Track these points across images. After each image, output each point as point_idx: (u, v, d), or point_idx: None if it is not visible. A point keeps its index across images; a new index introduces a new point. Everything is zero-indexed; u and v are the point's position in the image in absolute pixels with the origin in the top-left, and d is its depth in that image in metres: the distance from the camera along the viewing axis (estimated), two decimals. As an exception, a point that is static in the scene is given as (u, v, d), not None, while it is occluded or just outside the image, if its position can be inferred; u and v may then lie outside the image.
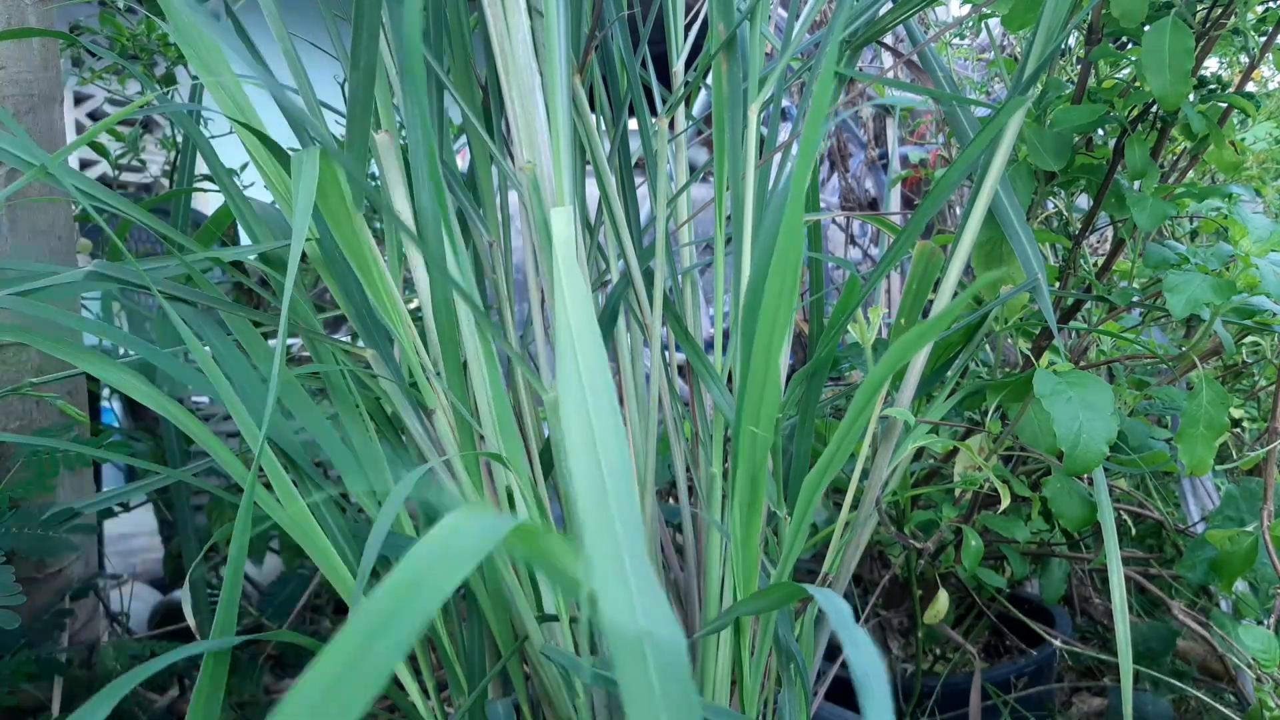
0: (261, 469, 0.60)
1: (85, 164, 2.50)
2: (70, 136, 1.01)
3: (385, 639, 0.22)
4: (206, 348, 0.62)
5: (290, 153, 0.58)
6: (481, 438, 0.63)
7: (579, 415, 0.35)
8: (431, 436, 0.65)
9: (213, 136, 0.88)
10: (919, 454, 0.92)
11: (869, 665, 0.37)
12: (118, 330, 0.65)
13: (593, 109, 0.68)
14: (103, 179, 2.52)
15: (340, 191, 0.58)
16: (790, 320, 0.43)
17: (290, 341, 1.12)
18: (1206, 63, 0.85)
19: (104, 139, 1.21)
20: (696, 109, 1.70)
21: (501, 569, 0.62)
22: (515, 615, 0.63)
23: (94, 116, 2.01)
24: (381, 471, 0.68)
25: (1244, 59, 0.88)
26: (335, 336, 0.87)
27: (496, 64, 0.57)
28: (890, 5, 0.77)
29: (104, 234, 1.21)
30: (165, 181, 1.36)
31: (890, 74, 1.41)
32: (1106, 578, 0.71)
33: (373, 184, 0.63)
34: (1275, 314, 0.82)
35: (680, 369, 0.82)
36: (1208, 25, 0.82)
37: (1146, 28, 0.76)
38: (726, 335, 0.69)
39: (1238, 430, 1.09)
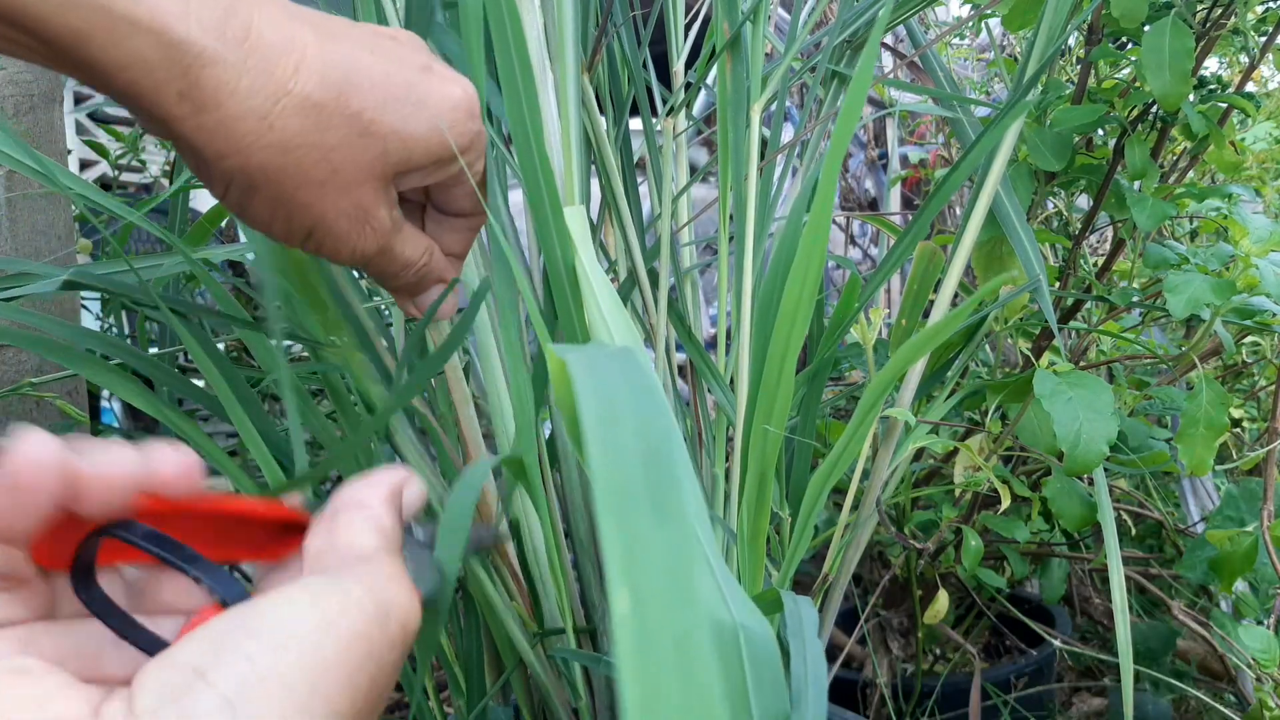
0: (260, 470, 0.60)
1: (85, 164, 2.50)
2: (70, 137, 1.01)
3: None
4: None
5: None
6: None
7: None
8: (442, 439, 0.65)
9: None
10: (919, 454, 0.92)
11: (813, 673, 0.39)
12: (96, 334, 0.65)
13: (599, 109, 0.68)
14: (102, 179, 2.52)
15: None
16: (809, 319, 0.43)
17: (289, 342, 1.12)
18: (1206, 63, 0.85)
19: (104, 139, 1.21)
20: (696, 109, 1.71)
21: (492, 593, 0.63)
22: (512, 636, 0.64)
23: (94, 117, 2.01)
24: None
25: (1244, 59, 0.88)
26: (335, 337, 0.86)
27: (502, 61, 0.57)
28: (891, 6, 0.77)
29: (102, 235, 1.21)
30: (165, 181, 1.36)
31: (891, 74, 1.41)
32: (1106, 578, 0.71)
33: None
34: (1275, 314, 0.82)
35: (680, 369, 0.83)
36: (1208, 25, 0.82)
37: (1146, 28, 0.77)
38: (728, 335, 0.69)
39: (1238, 430, 1.09)
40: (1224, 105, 0.84)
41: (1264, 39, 0.82)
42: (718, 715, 0.15)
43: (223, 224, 1.03)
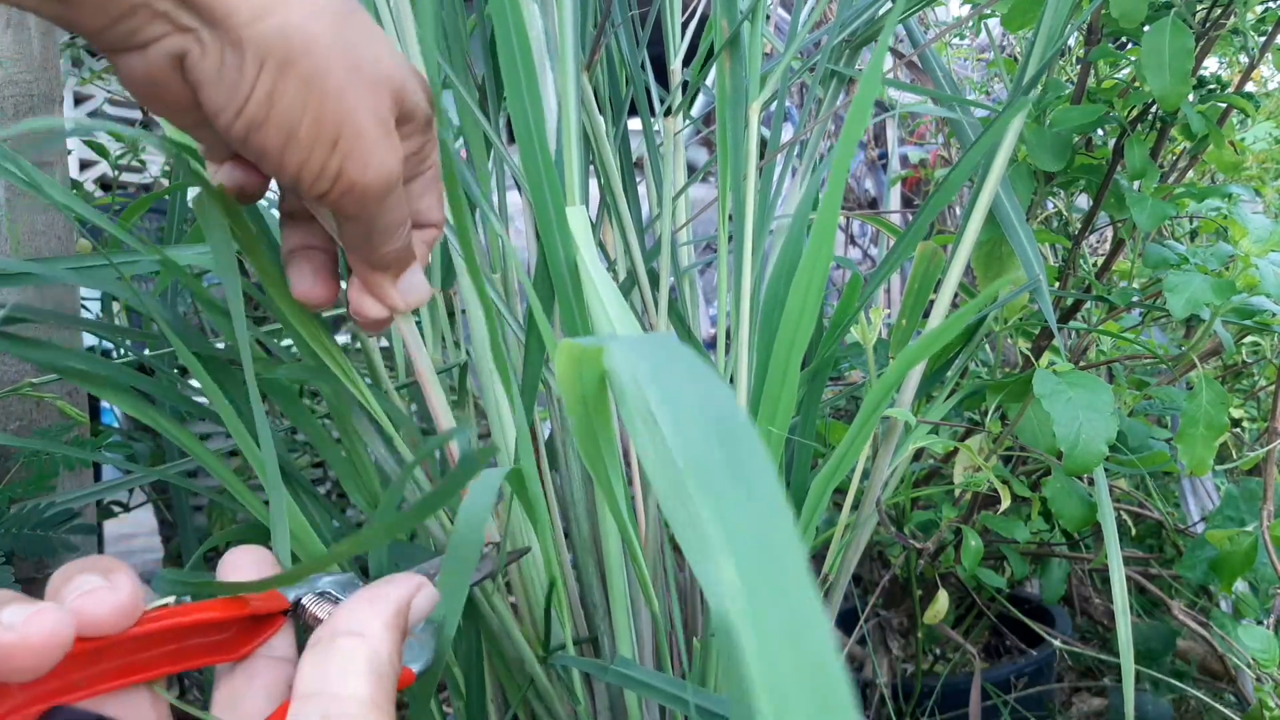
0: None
1: (85, 164, 2.50)
2: (70, 137, 1.01)
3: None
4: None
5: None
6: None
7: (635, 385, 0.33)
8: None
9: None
10: (919, 454, 0.92)
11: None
12: (95, 339, 0.65)
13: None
14: (102, 179, 2.52)
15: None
16: (814, 320, 0.43)
17: (286, 342, 1.12)
18: (1206, 63, 0.85)
19: (104, 139, 1.21)
20: (695, 109, 1.71)
21: (502, 609, 0.63)
22: (519, 654, 0.63)
23: (94, 117, 2.01)
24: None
25: (1244, 59, 0.88)
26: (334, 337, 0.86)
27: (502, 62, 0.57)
28: (890, 5, 0.77)
29: (103, 234, 1.21)
30: (165, 181, 1.36)
31: (890, 74, 1.41)
32: (1106, 578, 0.71)
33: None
34: (1275, 314, 0.82)
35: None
36: (1207, 25, 0.82)
37: (1146, 28, 0.76)
38: (727, 335, 0.69)
39: (1238, 430, 1.09)
40: (1223, 105, 0.84)
41: (1264, 39, 0.82)
42: (838, 681, 0.16)
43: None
